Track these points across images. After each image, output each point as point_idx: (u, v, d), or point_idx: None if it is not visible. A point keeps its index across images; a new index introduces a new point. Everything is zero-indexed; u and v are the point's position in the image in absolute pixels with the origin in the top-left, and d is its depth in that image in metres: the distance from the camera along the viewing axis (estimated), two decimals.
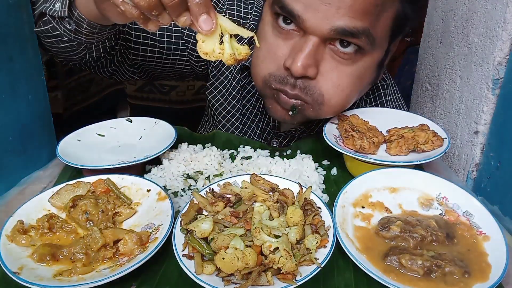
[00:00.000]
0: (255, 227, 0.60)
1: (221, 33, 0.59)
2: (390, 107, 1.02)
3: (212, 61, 1.04)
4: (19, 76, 0.78)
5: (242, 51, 0.60)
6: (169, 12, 0.55)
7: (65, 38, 0.82)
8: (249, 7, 1.04)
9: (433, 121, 0.88)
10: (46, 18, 0.81)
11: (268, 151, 0.90)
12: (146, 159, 0.79)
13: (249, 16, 1.03)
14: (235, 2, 1.04)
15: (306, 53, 0.75)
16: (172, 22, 0.95)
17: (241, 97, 1.03)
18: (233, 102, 1.04)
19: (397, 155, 0.80)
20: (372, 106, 1.02)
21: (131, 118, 0.94)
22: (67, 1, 0.76)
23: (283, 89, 0.80)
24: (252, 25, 1.02)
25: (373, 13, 0.73)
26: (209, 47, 0.58)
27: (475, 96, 0.90)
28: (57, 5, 0.78)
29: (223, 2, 1.03)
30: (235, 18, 1.02)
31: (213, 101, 1.06)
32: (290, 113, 0.84)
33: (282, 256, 0.56)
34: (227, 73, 1.04)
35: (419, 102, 1.23)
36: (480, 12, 0.89)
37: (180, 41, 1.00)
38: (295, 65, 0.76)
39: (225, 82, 1.05)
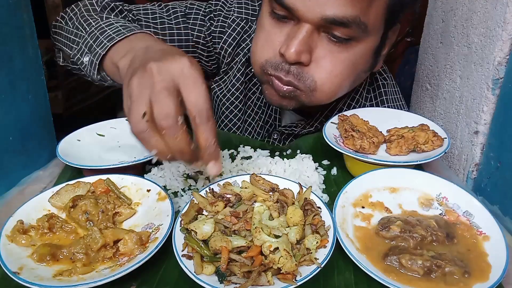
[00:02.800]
0: (255, 227, 0.60)
1: None
2: (391, 106, 1.02)
3: (223, 59, 1.05)
4: (19, 76, 0.78)
5: None
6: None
7: (89, 78, 0.89)
8: (257, 4, 1.05)
9: (433, 121, 0.88)
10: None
11: (268, 151, 0.90)
12: (146, 159, 0.79)
13: (257, 14, 1.04)
14: (243, 1, 1.04)
15: (299, 40, 0.77)
16: (177, 30, 1.05)
17: (245, 88, 1.05)
18: (237, 93, 1.05)
19: (397, 155, 0.80)
20: (373, 104, 1.02)
21: None
22: (96, 65, 0.82)
23: (277, 75, 0.82)
24: None
25: (365, 0, 0.74)
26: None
27: (475, 96, 0.90)
28: (86, 58, 0.84)
29: (231, 1, 1.04)
30: (243, 15, 1.03)
31: (218, 92, 1.07)
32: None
33: (282, 256, 0.56)
34: (234, 66, 1.05)
35: (419, 102, 1.23)
36: (480, 12, 0.89)
37: (190, 43, 1.02)
38: (288, 51, 0.77)
39: (231, 74, 1.06)
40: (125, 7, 1.00)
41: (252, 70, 1.03)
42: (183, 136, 0.59)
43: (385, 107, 1.01)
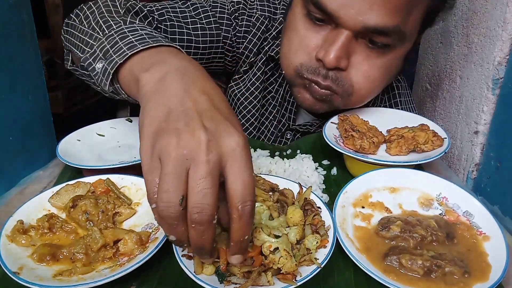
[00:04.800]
0: (255, 227, 0.60)
1: None
2: (404, 108, 1.02)
3: (246, 58, 1.04)
4: (19, 76, 0.78)
5: None
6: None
7: (98, 88, 0.77)
8: (277, 1, 1.05)
9: (433, 121, 0.88)
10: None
11: (268, 151, 0.90)
12: None
13: (278, 11, 1.04)
14: None
15: (339, 46, 0.77)
16: (209, 30, 0.99)
17: (262, 87, 1.04)
18: (256, 92, 1.05)
19: (397, 155, 0.80)
20: (387, 106, 1.02)
21: (131, 118, 0.94)
22: (110, 75, 0.66)
23: (315, 79, 0.83)
24: (281, 19, 1.03)
25: (405, 9, 0.74)
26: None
27: (475, 96, 0.90)
28: (99, 65, 0.70)
29: (252, 1, 1.03)
30: (266, 13, 1.02)
31: (236, 91, 1.06)
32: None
33: (282, 256, 0.56)
34: (254, 65, 1.05)
35: (419, 102, 1.23)
36: (480, 12, 0.89)
37: (220, 44, 1.00)
38: (328, 57, 0.77)
39: (251, 73, 1.05)
40: (149, 10, 0.91)
41: (273, 71, 1.03)
42: (211, 235, 0.48)
43: (398, 109, 1.01)
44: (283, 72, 0.91)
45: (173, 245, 0.60)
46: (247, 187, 0.47)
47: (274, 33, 1.03)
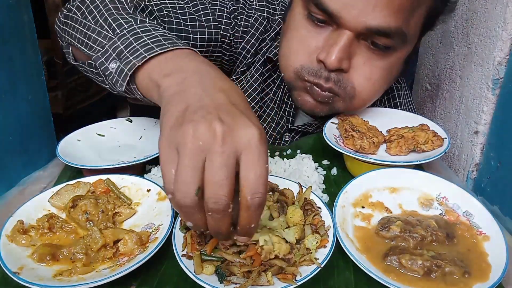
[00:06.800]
0: None
1: None
2: (404, 109, 1.02)
3: (244, 59, 1.03)
4: (19, 76, 0.78)
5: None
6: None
7: (107, 86, 0.75)
8: (276, 3, 1.04)
9: (433, 121, 0.88)
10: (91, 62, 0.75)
11: (268, 151, 0.90)
12: (146, 159, 0.79)
13: (277, 12, 1.03)
14: None
15: (340, 46, 0.76)
16: (208, 28, 0.96)
17: (260, 89, 1.04)
18: (254, 94, 1.04)
19: (397, 155, 0.80)
20: (386, 106, 1.02)
21: (131, 118, 0.94)
22: (128, 76, 0.66)
23: (317, 82, 0.81)
24: (279, 20, 1.02)
25: (408, 10, 0.74)
26: None
27: (475, 96, 0.90)
28: (113, 65, 0.69)
29: (251, 1, 1.03)
30: (265, 14, 1.02)
31: None
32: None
33: (275, 242, 0.56)
34: (252, 66, 1.04)
35: (419, 102, 1.23)
36: (480, 12, 0.89)
37: (218, 42, 0.99)
38: (329, 58, 0.76)
39: (249, 75, 1.05)
40: (153, 6, 0.90)
41: (270, 72, 1.02)
42: (227, 221, 0.51)
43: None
44: (282, 74, 0.90)
45: (173, 245, 0.60)
46: (259, 179, 0.49)
47: (272, 34, 1.02)
